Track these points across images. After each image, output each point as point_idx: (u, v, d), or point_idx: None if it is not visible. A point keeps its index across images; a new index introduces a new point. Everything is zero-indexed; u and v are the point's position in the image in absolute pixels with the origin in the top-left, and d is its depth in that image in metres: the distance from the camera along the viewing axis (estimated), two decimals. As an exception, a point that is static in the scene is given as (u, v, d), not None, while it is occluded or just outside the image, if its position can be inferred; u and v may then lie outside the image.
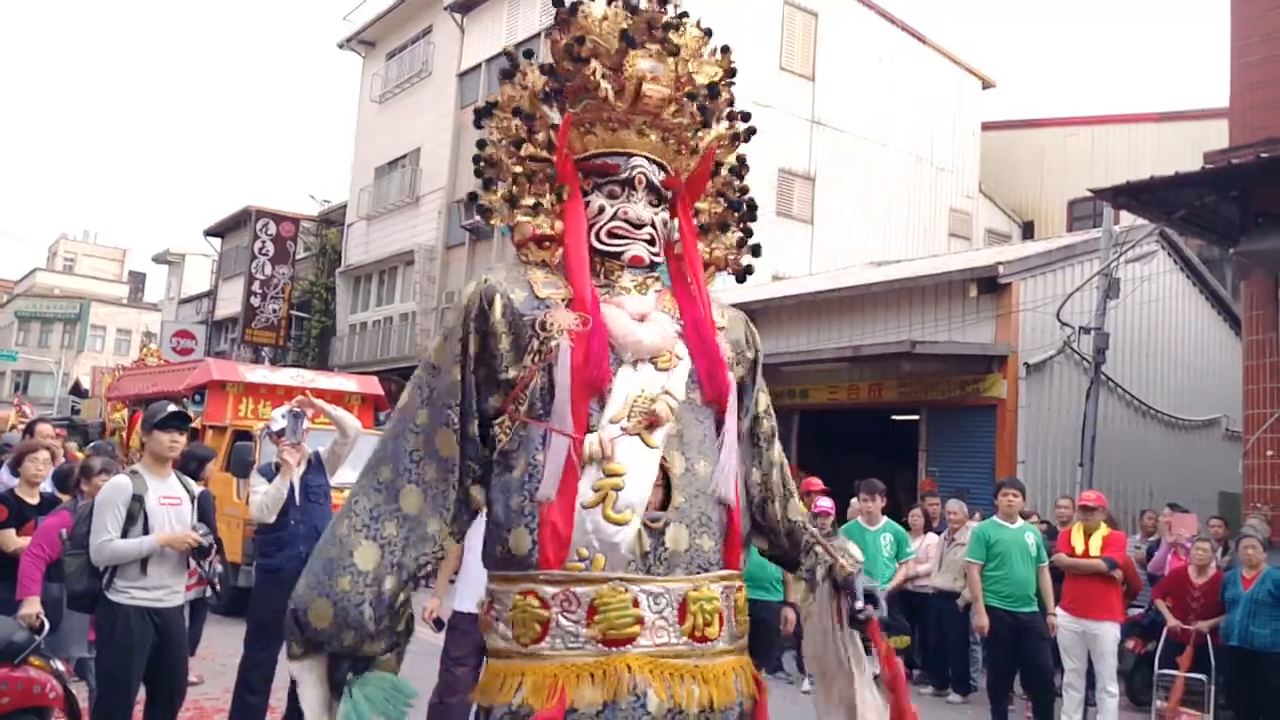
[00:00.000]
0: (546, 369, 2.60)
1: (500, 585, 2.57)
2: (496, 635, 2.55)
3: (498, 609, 2.56)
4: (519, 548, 2.52)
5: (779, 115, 22.07)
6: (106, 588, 4.68)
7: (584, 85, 2.76)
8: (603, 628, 2.48)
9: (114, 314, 57.17)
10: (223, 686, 6.66)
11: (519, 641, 2.49)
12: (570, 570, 2.49)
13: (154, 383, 14.04)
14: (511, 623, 2.50)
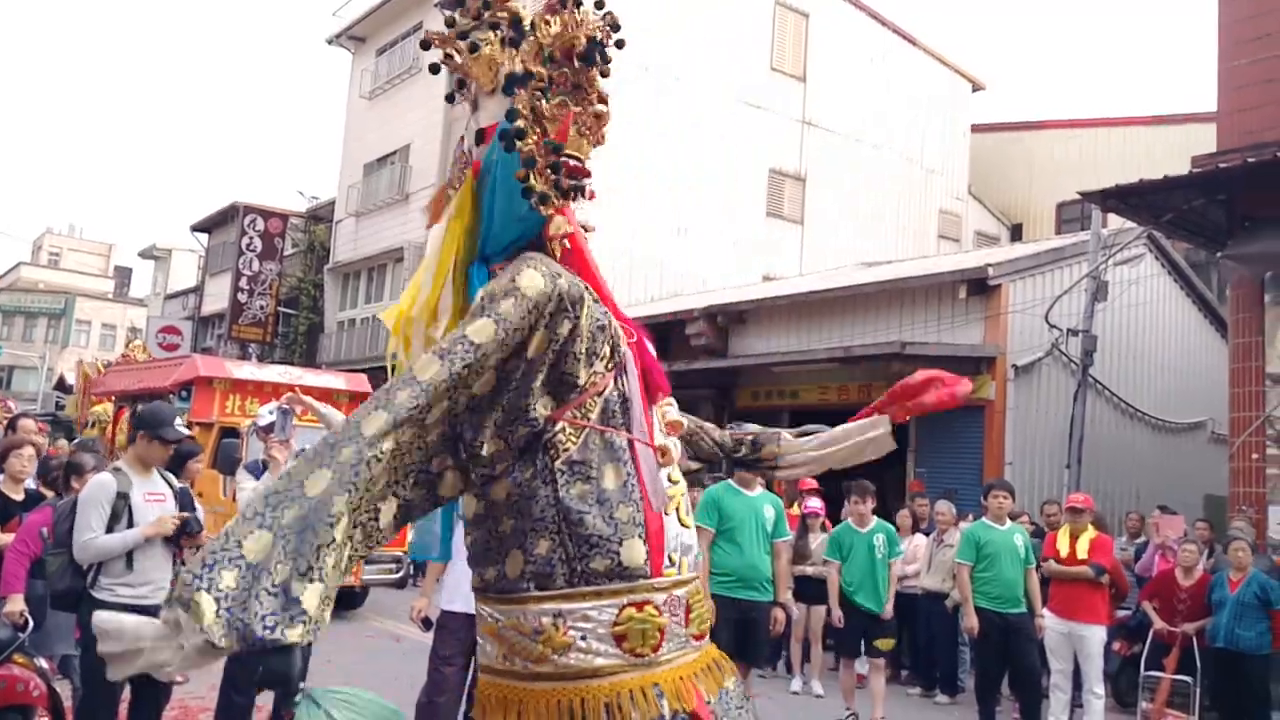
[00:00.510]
0: (615, 377, 2.62)
1: (586, 602, 2.47)
2: (582, 654, 2.45)
3: (583, 627, 2.46)
4: (633, 559, 2.50)
5: (770, 116, 22.13)
6: (91, 586, 4.65)
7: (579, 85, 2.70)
8: (697, 625, 2.63)
9: (99, 309, 56.97)
10: (208, 685, 6.61)
11: (633, 654, 2.47)
12: (667, 576, 2.57)
13: (140, 379, 13.97)
14: (618, 637, 2.46)
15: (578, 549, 2.49)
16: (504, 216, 2.70)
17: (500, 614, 2.54)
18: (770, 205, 22.12)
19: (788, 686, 9.14)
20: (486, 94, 2.81)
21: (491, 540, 2.57)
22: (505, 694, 2.53)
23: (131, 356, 18.70)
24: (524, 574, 2.51)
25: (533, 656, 2.48)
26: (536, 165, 2.59)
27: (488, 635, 2.59)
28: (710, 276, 20.80)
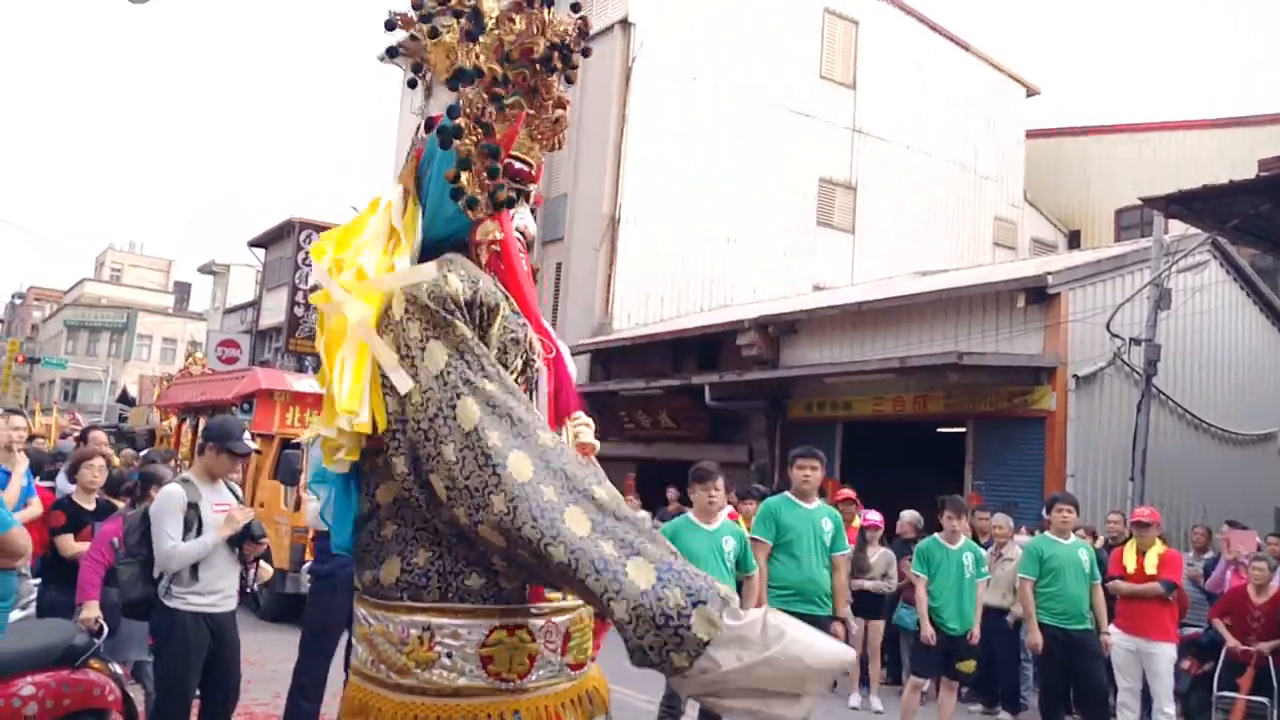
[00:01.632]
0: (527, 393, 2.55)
1: (458, 619, 2.39)
2: (445, 671, 2.37)
3: (450, 644, 2.38)
4: (510, 582, 2.42)
5: (819, 124, 22.01)
6: (163, 594, 4.75)
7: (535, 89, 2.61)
8: (575, 654, 2.55)
9: (160, 323, 58.17)
10: (273, 691, 6.71)
11: (498, 678, 2.39)
12: (551, 600, 2.49)
13: (203, 391, 14.18)
14: (484, 659, 2.38)
15: (455, 564, 2.41)
16: (435, 214, 2.63)
17: (373, 619, 2.48)
18: (821, 214, 21.99)
19: (846, 702, 9.04)
20: (440, 83, 2.71)
21: (372, 543, 2.51)
22: (365, 699, 2.46)
23: (188, 370, 19.03)
24: (398, 582, 2.43)
25: (396, 666, 2.41)
26: (472, 167, 2.51)
27: (361, 638, 2.54)
28: (761, 286, 20.72)
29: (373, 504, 2.52)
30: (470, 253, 2.62)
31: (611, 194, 20.02)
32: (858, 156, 22.54)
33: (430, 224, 2.64)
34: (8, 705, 4.28)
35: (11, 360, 45.32)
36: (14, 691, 4.31)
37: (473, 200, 2.53)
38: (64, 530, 6.08)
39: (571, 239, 20.85)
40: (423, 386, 2.36)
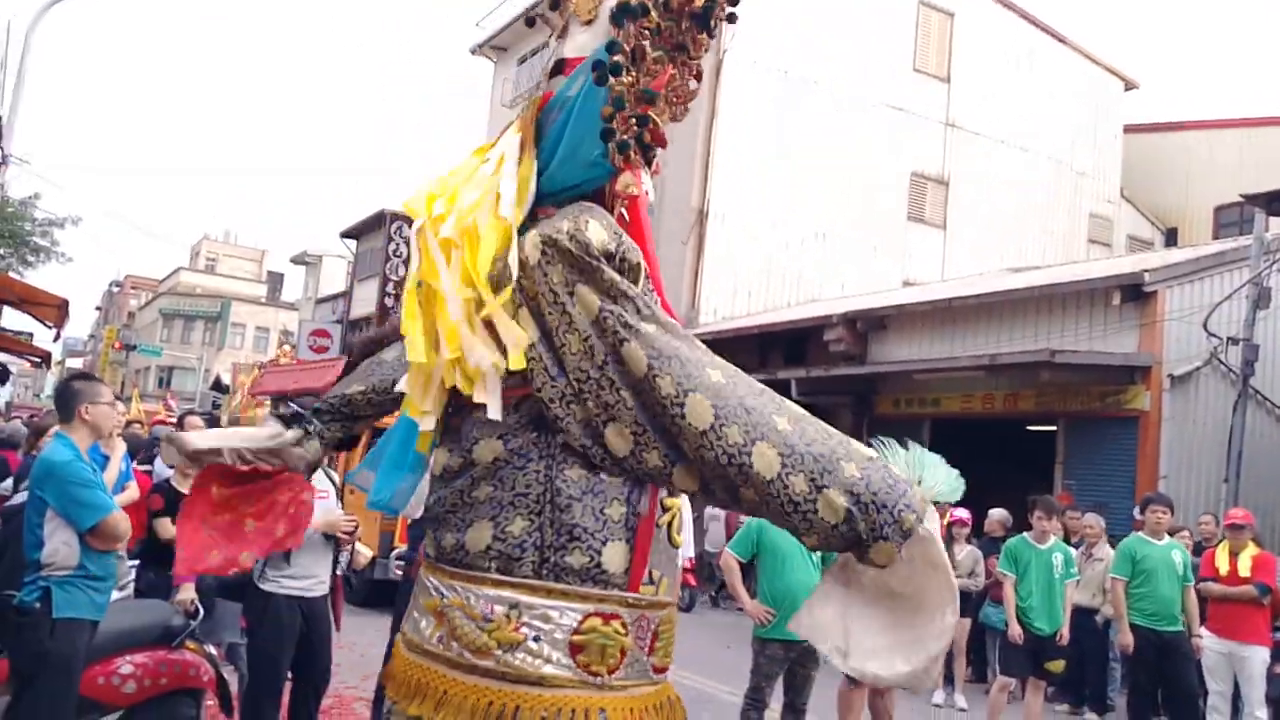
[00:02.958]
0: None
1: (551, 600, 2.22)
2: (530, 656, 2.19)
3: (539, 626, 2.21)
4: (613, 563, 2.25)
5: (912, 117, 21.70)
6: (258, 578, 4.87)
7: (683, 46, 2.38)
8: (660, 656, 2.37)
9: (253, 312, 59.47)
10: (362, 675, 6.88)
11: (587, 670, 2.21)
12: (644, 594, 2.31)
13: (296, 379, 14.60)
14: (573, 647, 2.20)
15: (556, 537, 2.23)
16: (570, 158, 2.43)
17: (447, 589, 2.28)
18: (912, 209, 21.69)
19: (930, 699, 8.97)
20: (581, 24, 2.55)
21: (460, 504, 2.32)
22: (425, 679, 2.25)
23: (276, 360, 19.54)
24: (489, 550, 2.24)
25: (475, 646, 2.20)
26: (623, 109, 2.30)
27: (426, 610, 2.33)
28: (849, 281, 20.53)
29: (465, 460, 2.33)
30: (604, 204, 2.45)
31: (700, 188, 20.02)
32: (950, 151, 22.17)
33: (558, 169, 2.46)
34: (108, 683, 4.45)
35: (109, 347, 46.77)
36: (114, 670, 4.49)
37: (624, 144, 2.33)
38: (162, 514, 6.16)
39: (659, 232, 20.71)
40: (582, 334, 2.23)
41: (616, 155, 2.34)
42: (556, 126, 2.47)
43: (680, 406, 2.15)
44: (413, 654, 2.33)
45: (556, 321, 2.25)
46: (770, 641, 5.65)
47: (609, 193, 2.45)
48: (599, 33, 2.45)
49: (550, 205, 2.44)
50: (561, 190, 2.45)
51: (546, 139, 2.50)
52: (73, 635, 4.02)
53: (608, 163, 2.36)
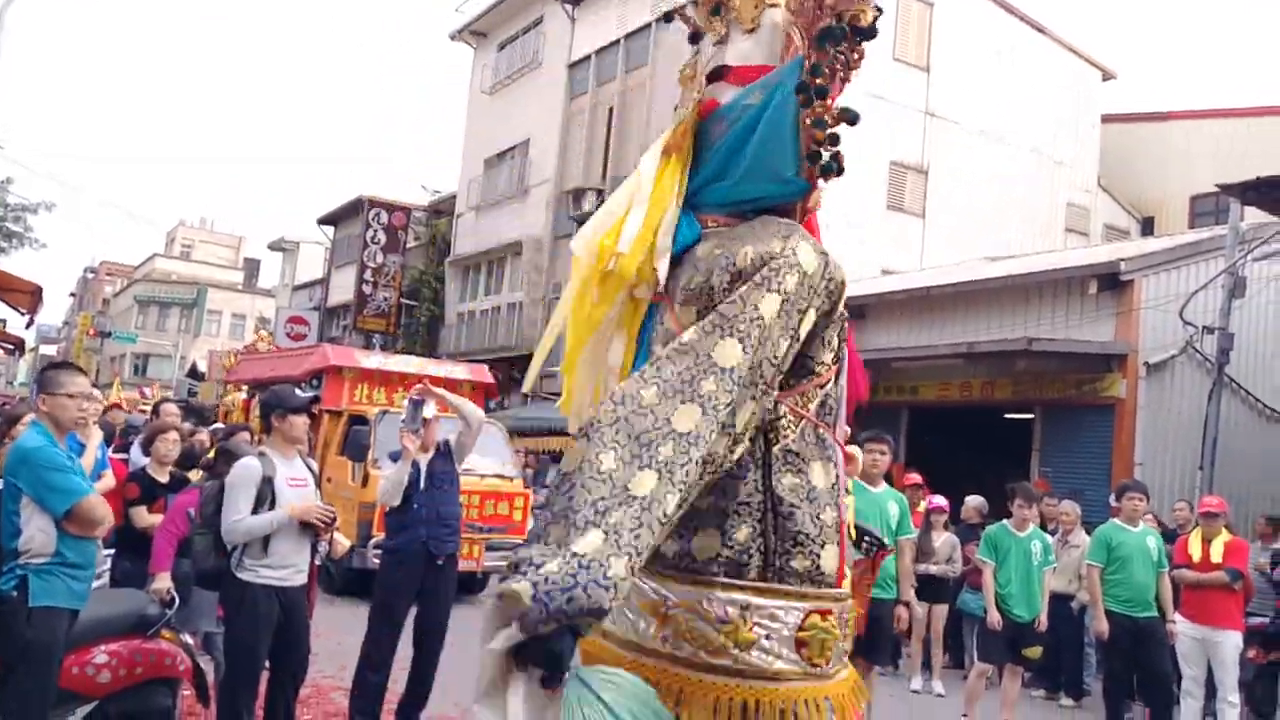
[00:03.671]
0: (837, 373, 2.51)
1: (777, 600, 2.34)
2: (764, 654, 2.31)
3: (768, 626, 2.32)
4: (829, 565, 2.39)
5: (891, 107, 21.68)
6: (235, 566, 4.84)
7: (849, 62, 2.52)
8: (847, 641, 2.51)
9: (229, 299, 59.06)
10: (339, 664, 6.85)
11: (809, 663, 2.34)
12: (844, 587, 2.48)
13: (272, 367, 14.49)
14: (799, 643, 2.33)
15: (780, 543, 2.35)
16: (758, 172, 2.49)
17: (673, 593, 2.36)
18: (891, 198, 21.72)
19: (908, 685, 9.03)
20: (743, 31, 2.60)
21: None
22: (658, 678, 2.29)
23: (254, 347, 19.39)
24: (717, 557, 2.34)
25: (711, 646, 2.30)
26: (824, 129, 2.40)
27: (645, 611, 2.40)
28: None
29: None
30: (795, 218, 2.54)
31: (680, 178, 19.94)
32: (930, 140, 22.19)
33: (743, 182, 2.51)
34: (82, 673, 4.41)
35: (83, 334, 46.40)
36: (88, 659, 4.45)
37: (829, 166, 2.45)
38: (138, 502, 6.18)
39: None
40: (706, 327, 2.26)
41: (816, 174, 2.45)
42: (732, 137, 2.51)
43: None
44: (630, 652, 2.39)
45: None
46: None
47: (801, 207, 2.56)
48: (762, 41, 2.54)
49: (722, 213, 2.53)
50: (744, 201, 2.53)
51: (714, 147, 2.54)
52: (52, 624, 3.98)
53: (804, 180, 2.47)
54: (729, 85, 2.57)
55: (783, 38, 2.56)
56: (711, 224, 2.51)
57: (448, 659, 6.43)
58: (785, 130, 2.42)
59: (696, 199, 2.57)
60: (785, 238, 2.38)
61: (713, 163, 2.54)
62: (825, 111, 2.39)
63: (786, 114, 2.41)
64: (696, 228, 2.53)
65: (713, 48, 2.68)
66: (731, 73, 2.58)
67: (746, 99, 2.50)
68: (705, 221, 2.53)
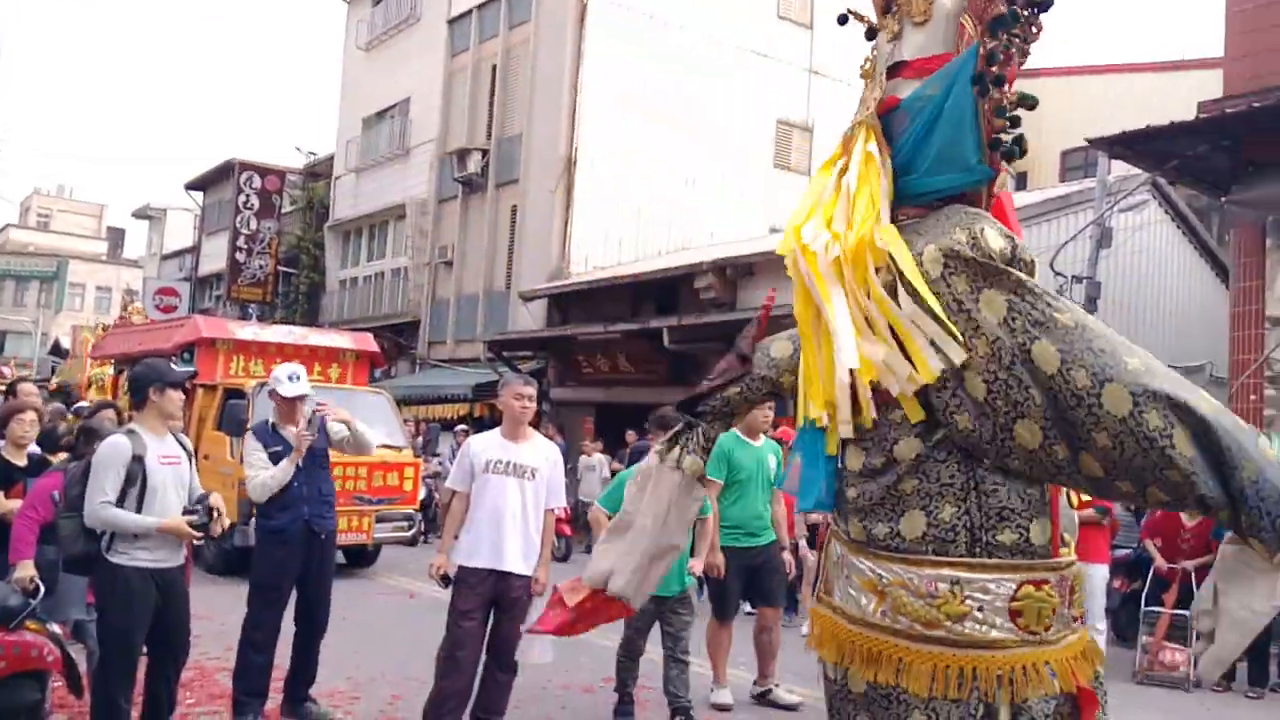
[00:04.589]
0: None
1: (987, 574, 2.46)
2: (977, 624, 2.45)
3: (980, 598, 2.46)
4: (1038, 537, 2.50)
5: (776, 65, 21.83)
6: (106, 550, 4.60)
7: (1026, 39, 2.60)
8: (1076, 606, 2.64)
9: (93, 271, 56.67)
10: (224, 645, 6.63)
11: (1027, 631, 2.46)
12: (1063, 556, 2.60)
13: (140, 341, 13.89)
14: (1012, 613, 2.46)
15: (985, 519, 2.47)
16: (943, 163, 2.58)
17: (886, 571, 2.52)
18: (778, 157, 21.90)
19: (800, 630, 9.18)
20: (915, 25, 2.68)
21: (887, 497, 2.54)
22: (881, 649, 2.51)
23: (128, 319, 18.58)
24: (924, 536, 2.49)
25: (924, 619, 2.46)
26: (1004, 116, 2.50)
27: (865, 589, 2.57)
28: (718, 229, 20.63)
29: (887, 459, 2.54)
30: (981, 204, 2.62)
31: (567, 135, 19.75)
32: (814, 98, 22.39)
33: (929, 175, 2.60)
34: (-64, 672, 4.16)
35: (-68, 312, 44.02)
36: (-56, 658, 4.19)
37: (1011, 152, 2.54)
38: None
39: (527, 181, 20.59)
40: (990, 337, 2.39)
41: (1000, 160, 2.54)
42: (915, 131, 2.59)
43: (1096, 397, 2.30)
44: (856, 626, 2.58)
45: (962, 328, 2.42)
46: None
47: (987, 193, 2.63)
48: (936, 32, 2.61)
49: (911, 206, 2.61)
50: (930, 193, 2.62)
51: (900, 143, 2.63)
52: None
53: (987, 166, 2.55)
54: (907, 80, 2.66)
55: (956, 26, 2.63)
56: (902, 217, 2.61)
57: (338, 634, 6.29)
58: (966, 119, 2.51)
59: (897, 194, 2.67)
60: (968, 227, 2.47)
61: (898, 158, 2.64)
62: (1004, 98, 2.49)
63: (966, 103, 2.50)
64: None
65: (888, 45, 2.75)
66: (909, 67, 2.66)
67: (925, 90, 2.60)
68: (896, 215, 2.62)
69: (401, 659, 7.25)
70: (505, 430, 5.37)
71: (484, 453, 5.27)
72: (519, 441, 5.33)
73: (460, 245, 22.35)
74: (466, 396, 18.21)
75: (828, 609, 2.73)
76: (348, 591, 10.38)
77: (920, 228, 2.59)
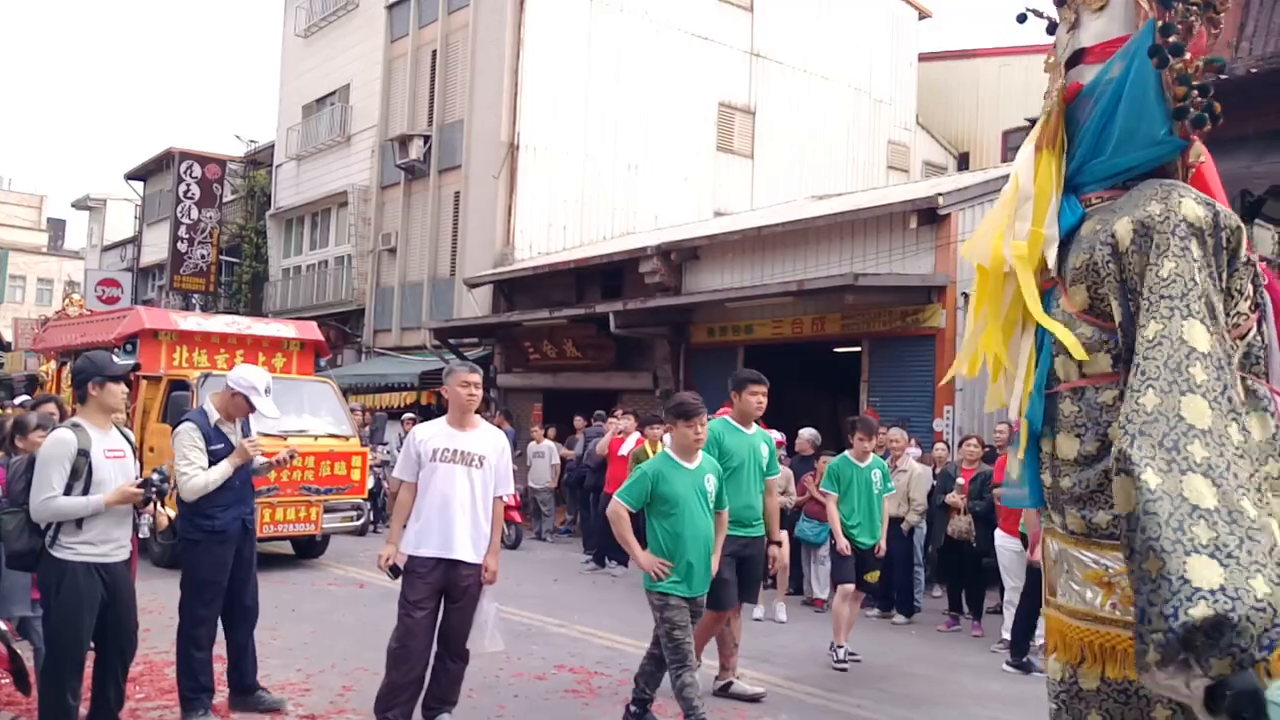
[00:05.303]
0: (1259, 321, 2.49)
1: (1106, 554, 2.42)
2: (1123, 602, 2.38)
3: None
4: None
5: (718, 48, 21.88)
6: (50, 545, 4.56)
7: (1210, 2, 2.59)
8: None
9: (34, 263, 55.43)
10: (172, 639, 6.53)
11: None
12: None
13: (83, 333, 13.65)
14: None
15: None
16: (1128, 141, 2.55)
17: (1113, 561, 2.40)
18: (721, 139, 21.97)
19: (750, 614, 9.28)
20: (1092, 11, 2.68)
21: (1106, 483, 2.41)
22: (1113, 643, 2.39)
23: (65, 312, 18.20)
24: None
25: None
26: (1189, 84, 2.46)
27: (1089, 581, 2.47)
28: (663, 213, 20.69)
29: (1103, 443, 2.43)
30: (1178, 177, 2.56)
31: (509, 120, 19.66)
32: (756, 80, 22.50)
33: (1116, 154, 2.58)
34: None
35: None
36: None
37: (1200, 119, 2.49)
38: None
39: (469, 167, 20.47)
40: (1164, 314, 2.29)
41: (1190, 129, 2.50)
42: (1100, 112, 2.59)
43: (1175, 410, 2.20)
44: (1083, 622, 2.48)
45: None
46: (670, 596, 5.26)
47: (1182, 164, 2.59)
48: (1115, 16, 2.61)
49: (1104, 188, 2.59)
50: (1120, 172, 2.59)
51: (1084, 127, 2.63)
52: None
53: (1178, 137, 2.51)
54: (1089, 66, 2.67)
55: (1134, 6, 2.63)
56: (1095, 200, 2.60)
57: (288, 625, 6.26)
58: (1149, 94, 2.50)
59: (1076, 180, 2.66)
60: (1164, 198, 2.39)
61: (1085, 142, 2.63)
62: (1187, 66, 2.47)
63: (1148, 78, 2.49)
64: (1079, 209, 2.62)
65: (1066, 35, 2.76)
66: (1090, 53, 2.66)
67: (1107, 74, 2.60)
68: (1089, 200, 2.62)
69: (352, 649, 7.25)
70: (451, 418, 5.38)
71: (430, 441, 5.27)
72: (466, 429, 5.34)
73: (404, 232, 22.18)
74: (413, 384, 18.12)
75: (1054, 610, 2.63)
76: (297, 582, 10.34)
77: (1110, 208, 2.56)
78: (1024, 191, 2.71)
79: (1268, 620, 1.88)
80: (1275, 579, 1.93)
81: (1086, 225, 2.59)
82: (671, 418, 5.45)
